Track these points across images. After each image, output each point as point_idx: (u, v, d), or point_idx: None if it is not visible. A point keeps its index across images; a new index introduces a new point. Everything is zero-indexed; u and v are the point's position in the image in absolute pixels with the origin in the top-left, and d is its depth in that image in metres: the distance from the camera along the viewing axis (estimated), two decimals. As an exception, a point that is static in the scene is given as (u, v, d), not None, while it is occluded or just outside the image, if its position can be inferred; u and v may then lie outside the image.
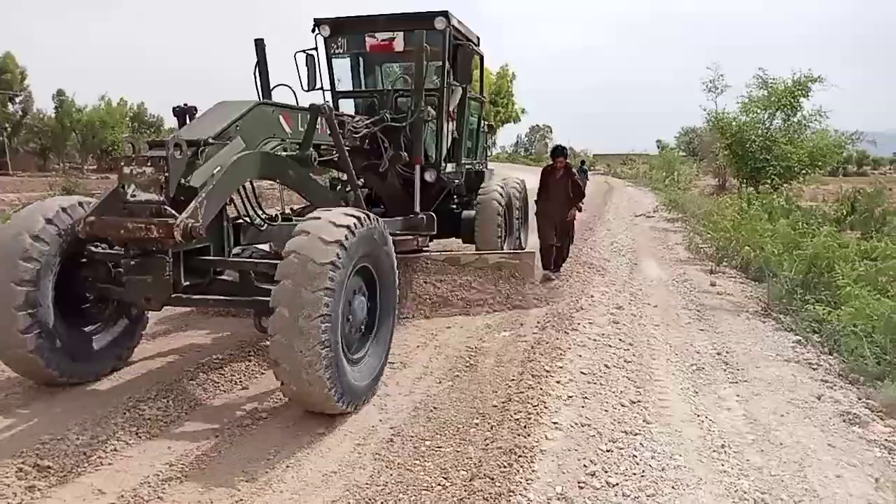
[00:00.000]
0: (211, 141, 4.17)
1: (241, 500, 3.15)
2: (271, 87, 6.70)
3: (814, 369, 5.28)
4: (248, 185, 4.88)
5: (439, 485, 3.29)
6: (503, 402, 4.34)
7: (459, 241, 8.49)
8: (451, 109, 7.49)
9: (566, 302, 7.26)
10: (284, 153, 4.93)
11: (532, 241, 9.55)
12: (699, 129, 36.64)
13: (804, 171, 20.40)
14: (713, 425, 4.12)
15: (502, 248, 8.00)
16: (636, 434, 3.93)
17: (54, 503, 3.12)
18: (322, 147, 5.49)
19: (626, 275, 9.29)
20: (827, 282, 7.57)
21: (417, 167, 6.82)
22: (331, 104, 6.53)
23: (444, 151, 7.47)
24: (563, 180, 8.51)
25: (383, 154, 6.51)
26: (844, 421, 4.25)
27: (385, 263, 4.57)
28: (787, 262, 8.20)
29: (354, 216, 4.10)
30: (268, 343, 3.72)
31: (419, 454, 3.62)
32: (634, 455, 3.66)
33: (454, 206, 8.42)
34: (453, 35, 7.25)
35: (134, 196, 3.80)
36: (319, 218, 3.97)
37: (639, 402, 4.45)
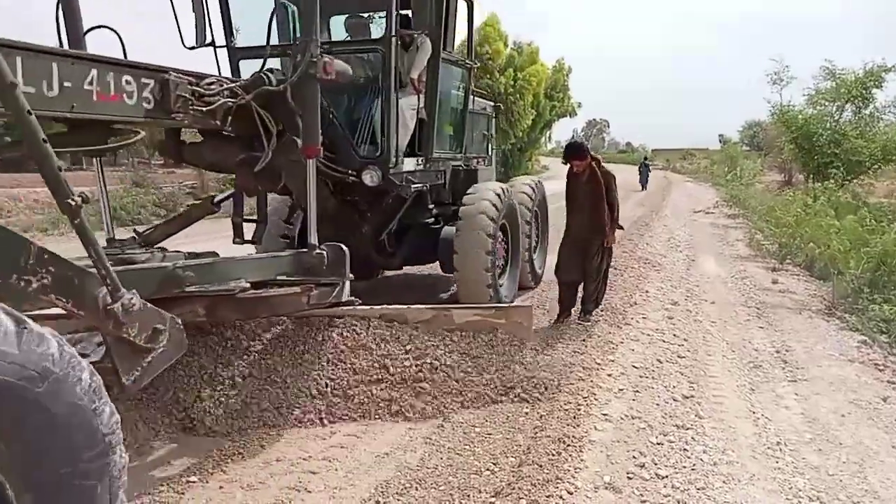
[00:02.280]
0: None
1: (299, 478, 3.29)
2: (83, 29, 3.67)
3: (880, 370, 5.08)
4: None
5: (488, 469, 3.36)
6: (552, 393, 4.36)
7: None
8: (413, 76, 5.22)
9: (619, 297, 7.19)
10: None
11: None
12: (763, 123, 35.37)
13: (876, 166, 19.43)
14: (769, 423, 4.04)
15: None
16: (688, 428, 3.90)
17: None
18: (111, 123, 3.18)
19: (682, 271, 9.11)
20: (897, 281, 7.25)
21: (310, 162, 3.86)
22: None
23: (398, 139, 5.04)
24: (589, 188, 5.86)
25: (264, 141, 3.82)
26: (911, 423, 4.09)
27: None
28: (854, 260, 7.88)
29: None
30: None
31: (469, 440, 3.70)
32: (685, 449, 3.63)
33: (432, 220, 6.25)
34: None
35: None
36: None
37: (692, 397, 4.40)
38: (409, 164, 5.31)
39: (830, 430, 3.95)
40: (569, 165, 6.00)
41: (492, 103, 8.32)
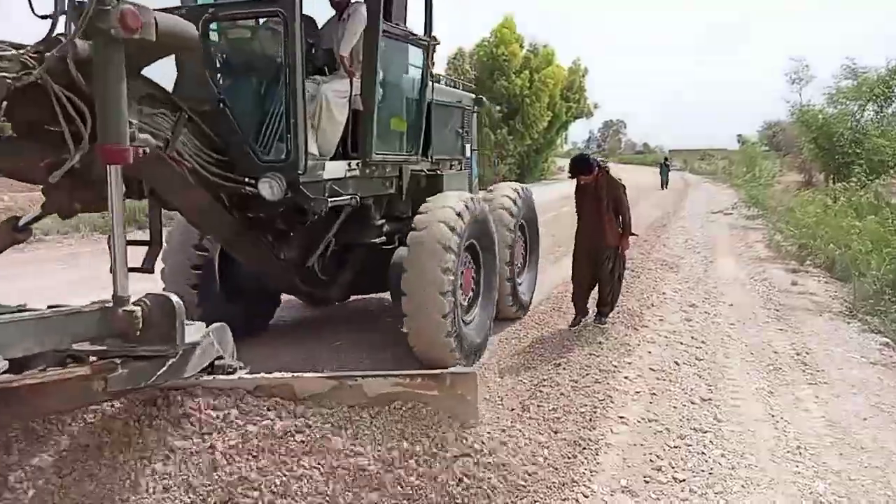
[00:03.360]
0: None
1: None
2: None
3: (903, 373, 4.99)
4: None
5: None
6: (567, 396, 4.34)
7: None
8: (343, 52, 4.26)
9: (636, 299, 7.14)
10: None
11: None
12: (783, 123, 34.96)
13: (900, 166, 19.12)
14: (789, 426, 3.98)
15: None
16: (706, 432, 3.86)
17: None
18: None
19: (700, 272, 9.02)
20: (921, 282, 7.11)
21: (112, 170, 2.52)
22: None
23: (304, 136, 3.82)
24: (597, 199, 5.75)
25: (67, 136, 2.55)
26: (935, 427, 4.01)
27: None
28: (876, 261, 7.75)
29: None
30: None
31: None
32: (703, 452, 3.59)
33: (382, 240, 4.87)
34: None
35: None
36: None
37: (710, 400, 4.35)
38: (335, 168, 4.13)
39: (852, 434, 3.88)
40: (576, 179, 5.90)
41: (471, 94, 6.86)
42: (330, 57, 4.59)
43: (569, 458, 3.47)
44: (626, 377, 4.74)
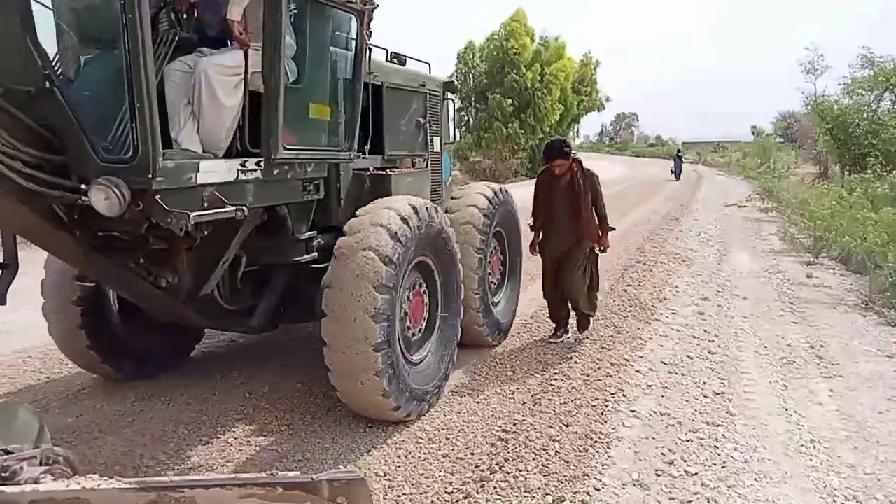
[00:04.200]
0: None
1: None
2: None
3: (919, 366, 4.94)
4: None
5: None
6: (579, 390, 4.33)
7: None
8: (233, 17, 3.15)
9: (648, 292, 7.11)
10: None
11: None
12: (798, 114, 34.54)
13: (917, 157, 18.85)
14: (802, 420, 3.95)
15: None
16: (718, 425, 3.84)
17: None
18: None
19: (713, 265, 8.96)
20: (938, 274, 7.02)
21: None
22: None
23: (152, 126, 2.65)
24: (569, 192, 5.11)
25: None
26: (952, 421, 3.97)
27: None
28: (892, 253, 7.65)
29: None
30: None
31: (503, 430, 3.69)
32: (716, 446, 3.58)
33: (312, 257, 3.92)
34: None
35: None
36: None
37: (722, 393, 4.33)
38: (219, 169, 3.03)
39: (867, 428, 3.85)
40: (545, 168, 5.28)
41: (438, 78, 5.63)
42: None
43: (580, 451, 3.46)
44: (637, 371, 4.73)
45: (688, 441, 3.63)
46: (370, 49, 4.09)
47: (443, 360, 4.22)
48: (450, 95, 5.78)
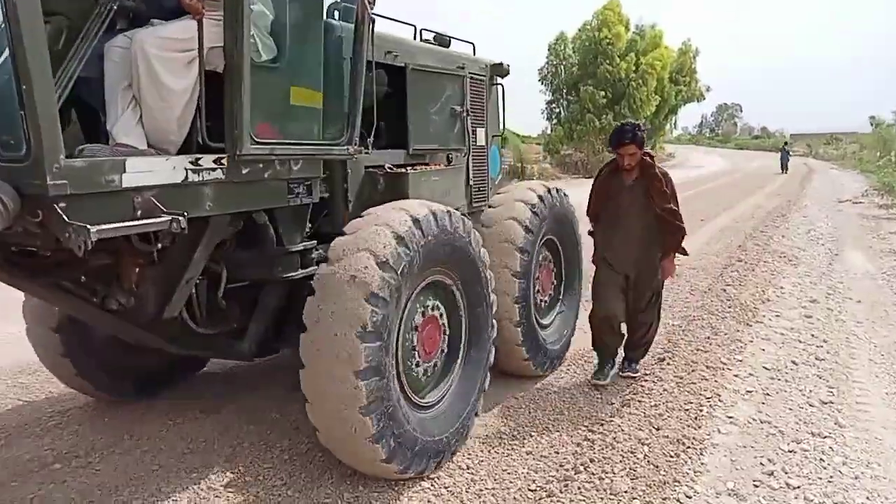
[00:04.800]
0: None
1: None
2: None
3: None
4: None
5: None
6: (671, 393, 4.16)
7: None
8: None
9: (749, 293, 6.73)
10: None
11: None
12: (926, 101, 31.61)
13: None
14: (924, 436, 3.61)
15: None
16: (825, 437, 3.57)
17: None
18: None
19: (824, 266, 8.36)
20: None
21: None
22: None
23: (51, 117, 2.03)
24: (640, 193, 4.13)
25: None
26: None
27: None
28: None
29: None
30: None
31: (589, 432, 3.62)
32: (822, 459, 3.33)
33: (310, 273, 3.17)
34: None
35: None
36: None
37: (830, 403, 4.03)
38: (155, 169, 2.40)
39: None
40: (608, 164, 4.33)
41: (483, 59, 4.95)
42: None
43: (671, 456, 3.33)
44: (736, 375, 4.48)
45: (790, 452, 3.40)
46: (370, 22, 3.22)
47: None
48: (499, 80, 5.13)
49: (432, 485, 3.11)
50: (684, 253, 4.29)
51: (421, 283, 3.12)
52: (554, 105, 32.24)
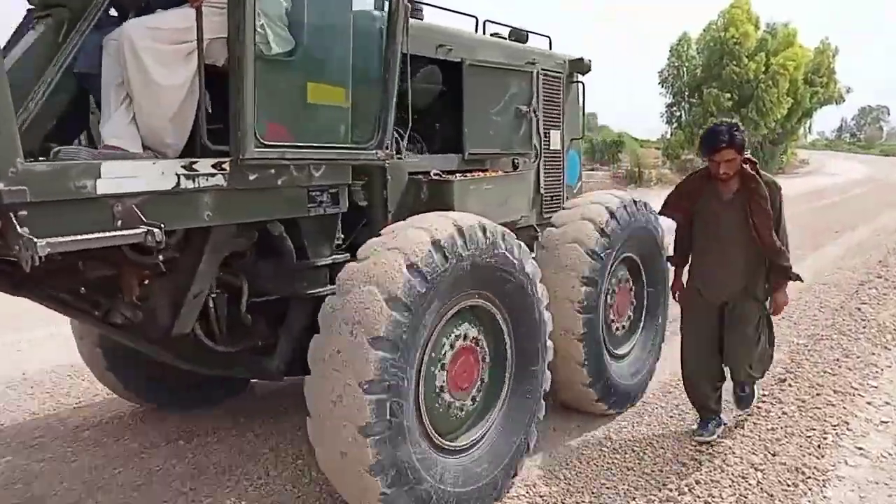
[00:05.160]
0: None
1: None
2: None
3: None
4: None
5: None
6: (791, 417, 3.85)
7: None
8: None
9: (889, 313, 6.09)
10: None
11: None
12: None
13: None
14: None
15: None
16: (977, 479, 3.17)
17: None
18: None
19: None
20: None
21: None
22: None
23: (2, 112, 1.82)
24: (741, 209, 3.31)
25: None
26: None
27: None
28: None
29: None
30: None
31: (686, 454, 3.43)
32: (971, 504, 2.95)
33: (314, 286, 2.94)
34: None
35: None
36: None
37: None
38: (139, 175, 2.17)
39: None
40: (698, 172, 3.55)
41: (560, 55, 4.59)
42: None
43: (788, 485, 3.08)
44: (869, 403, 4.08)
45: (932, 493, 3.05)
46: (405, 10, 2.87)
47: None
48: (579, 77, 4.64)
49: (528, 492, 3.07)
50: (798, 279, 3.52)
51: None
52: (675, 108, 30.95)
